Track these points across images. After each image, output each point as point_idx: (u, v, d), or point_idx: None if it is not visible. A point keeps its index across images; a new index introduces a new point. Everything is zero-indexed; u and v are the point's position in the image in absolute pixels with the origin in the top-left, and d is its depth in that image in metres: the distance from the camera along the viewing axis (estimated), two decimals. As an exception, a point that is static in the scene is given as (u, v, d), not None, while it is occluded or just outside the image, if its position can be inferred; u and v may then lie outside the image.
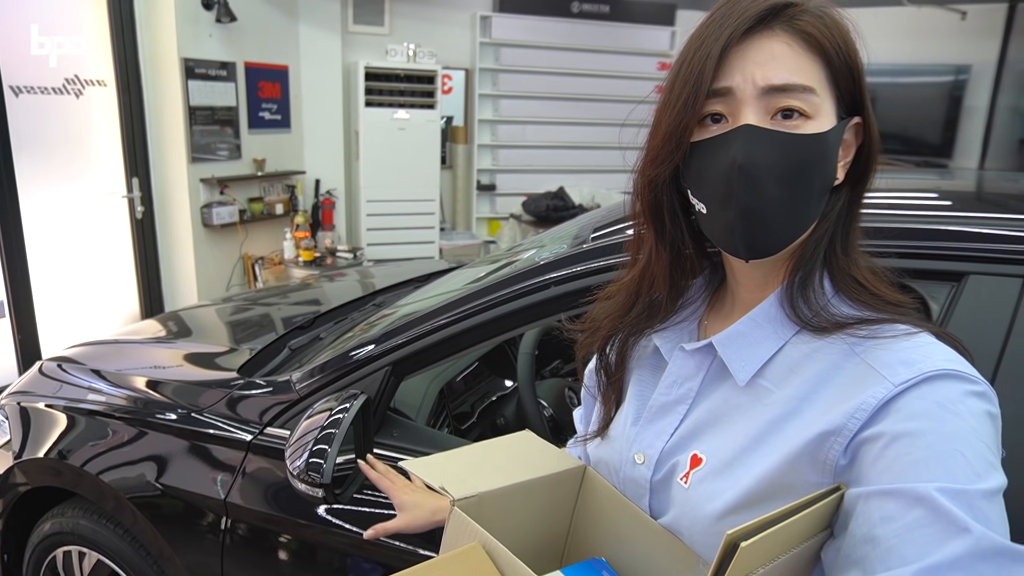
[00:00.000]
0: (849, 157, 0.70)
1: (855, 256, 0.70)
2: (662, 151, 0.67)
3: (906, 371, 0.60)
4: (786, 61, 0.63)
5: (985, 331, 0.96)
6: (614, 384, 0.83)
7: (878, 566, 0.54)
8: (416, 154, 5.20)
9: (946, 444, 0.56)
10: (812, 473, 0.62)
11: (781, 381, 0.68)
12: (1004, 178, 2.11)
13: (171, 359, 1.90)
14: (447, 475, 0.75)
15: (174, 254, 4.41)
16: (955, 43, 5.36)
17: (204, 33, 4.20)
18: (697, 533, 0.69)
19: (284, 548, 1.37)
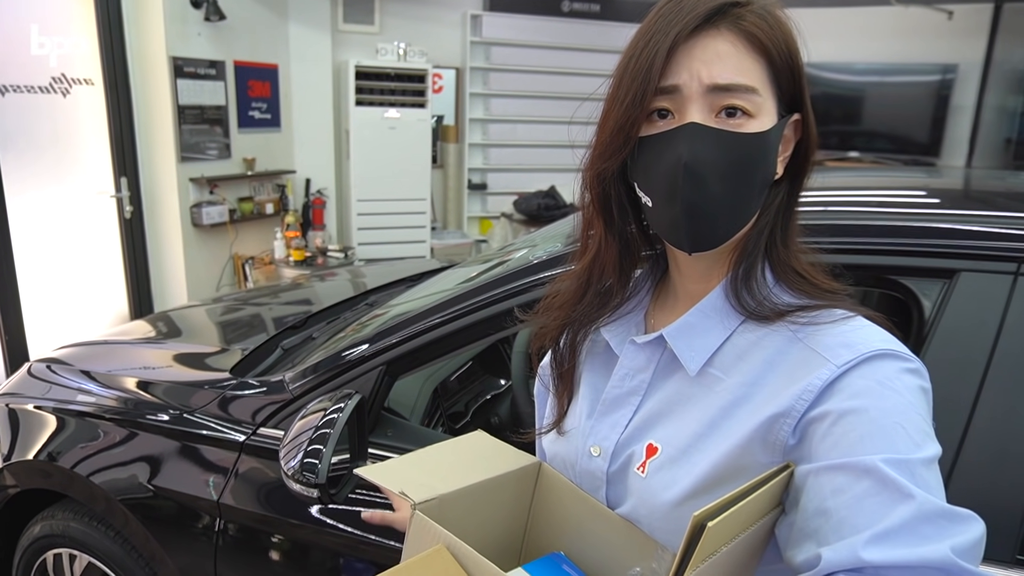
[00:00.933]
0: (788, 152, 0.72)
1: (794, 248, 0.73)
2: (611, 145, 0.69)
3: (847, 353, 0.63)
4: (731, 60, 0.65)
5: (977, 327, 0.97)
6: (566, 378, 0.84)
7: (831, 536, 0.56)
8: (407, 153, 5.19)
9: (887, 418, 0.59)
10: (763, 454, 0.65)
11: (730, 369, 0.70)
12: (990, 176, 2.13)
13: (162, 359, 1.88)
14: (405, 480, 0.75)
15: (163, 254, 4.38)
16: (942, 42, 5.40)
17: (193, 32, 4.18)
18: (656, 520, 0.71)
19: (277, 549, 1.36)
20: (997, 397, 0.95)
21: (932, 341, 0.98)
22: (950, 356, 0.97)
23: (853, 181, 1.46)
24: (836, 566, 0.54)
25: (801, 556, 0.59)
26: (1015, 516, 0.93)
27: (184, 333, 2.21)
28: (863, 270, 1.06)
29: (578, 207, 0.81)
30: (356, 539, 1.25)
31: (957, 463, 0.95)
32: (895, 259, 1.04)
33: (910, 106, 5.61)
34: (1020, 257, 0.97)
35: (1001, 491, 0.94)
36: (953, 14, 5.30)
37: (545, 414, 0.91)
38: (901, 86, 5.62)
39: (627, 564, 0.73)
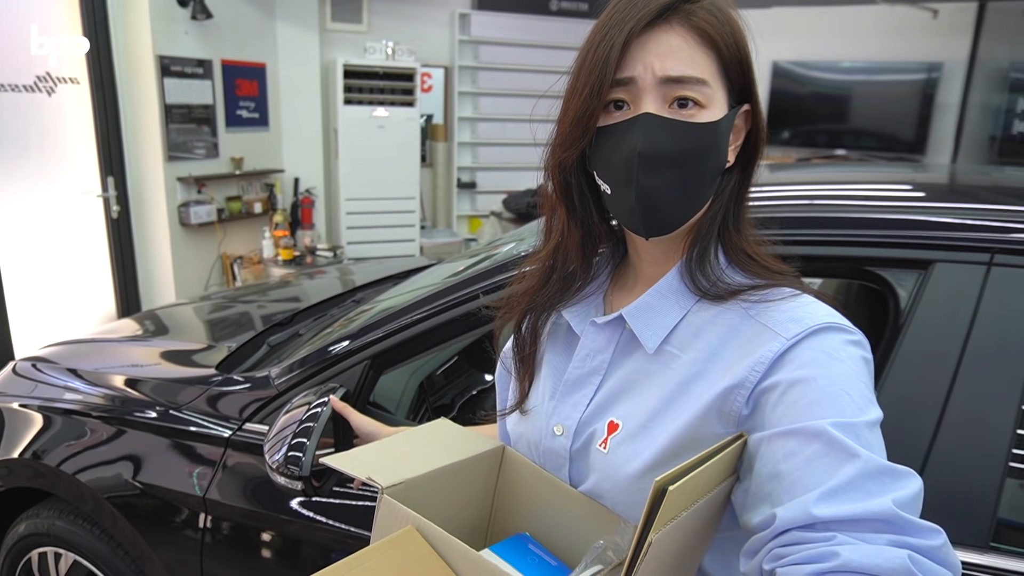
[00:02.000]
0: (739, 141, 0.76)
1: (746, 232, 0.77)
2: (570, 135, 0.73)
3: (795, 327, 0.67)
4: (682, 54, 0.68)
5: (951, 316, 0.99)
6: (527, 361, 0.87)
7: (784, 497, 0.60)
8: (396, 152, 5.19)
9: (834, 386, 0.63)
10: (719, 425, 0.69)
11: (686, 346, 0.74)
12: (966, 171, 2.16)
13: (148, 357, 1.88)
14: (372, 466, 0.76)
15: (151, 254, 4.36)
16: (927, 41, 5.45)
17: (179, 30, 4.16)
18: (619, 494, 0.74)
19: (264, 544, 1.36)
20: (971, 385, 0.96)
21: (908, 330, 1.00)
22: (925, 344, 0.99)
23: (832, 175, 1.48)
24: (790, 523, 0.58)
25: (757, 518, 0.62)
26: (989, 503, 0.95)
27: (171, 331, 2.21)
28: (842, 261, 1.08)
29: (540, 196, 0.84)
30: (342, 533, 1.25)
31: (932, 450, 0.96)
32: (872, 250, 1.06)
33: (896, 104, 5.66)
34: (993, 247, 0.99)
35: (975, 478, 0.96)
36: (938, 13, 5.35)
37: (507, 397, 0.93)
38: (887, 84, 5.66)
39: (591, 540, 0.75)
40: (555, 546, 0.82)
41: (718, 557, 0.75)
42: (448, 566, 0.65)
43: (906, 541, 0.54)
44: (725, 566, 0.75)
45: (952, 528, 0.95)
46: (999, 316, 0.97)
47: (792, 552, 0.56)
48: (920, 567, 0.53)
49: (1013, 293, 0.97)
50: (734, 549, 0.74)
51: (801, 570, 0.54)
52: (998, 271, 0.98)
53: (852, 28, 5.58)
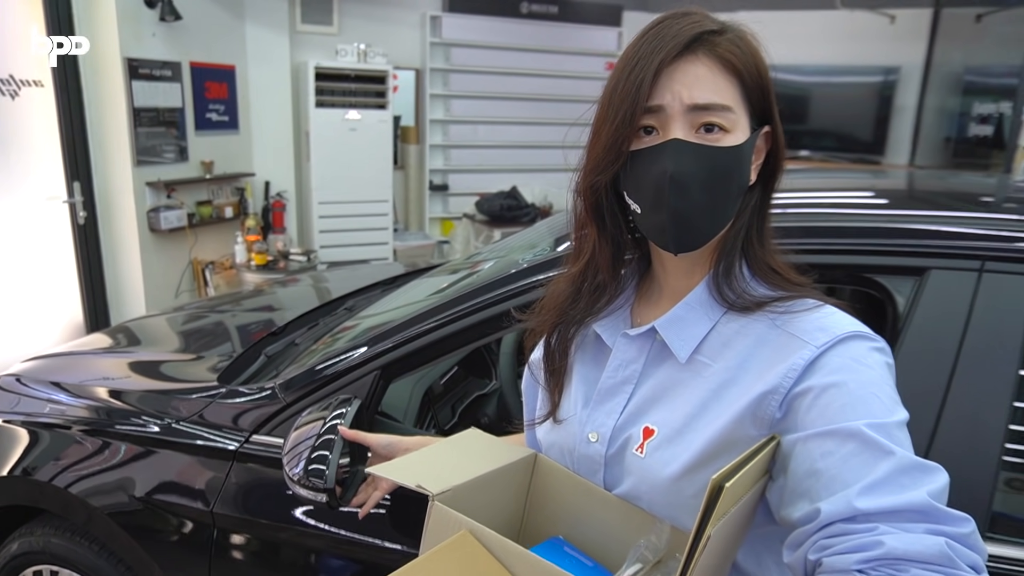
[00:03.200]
0: (760, 160, 0.81)
1: (769, 246, 0.82)
2: (604, 160, 0.77)
3: (823, 336, 0.72)
4: (707, 83, 0.73)
5: (946, 320, 1.04)
6: (558, 372, 0.90)
7: (823, 493, 0.64)
8: (368, 155, 5.16)
9: (864, 390, 0.68)
10: (753, 428, 0.73)
11: (716, 355, 0.78)
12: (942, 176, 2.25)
13: (135, 369, 1.85)
14: (418, 475, 0.78)
15: (119, 260, 4.27)
16: (885, 45, 5.64)
17: (147, 32, 4.07)
18: (657, 495, 0.78)
19: (275, 555, 1.36)
20: (966, 385, 1.02)
21: (906, 334, 1.05)
22: (923, 348, 1.05)
23: (826, 183, 1.54)
24: (834, 516, 0.62)
25: (797, 513, 0.66)
26: (984, 496, 1.01)
27: (146, 344, 2.16)
28: (842, 269, 1.13)
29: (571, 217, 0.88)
30: (353, 541, 1.26)
31: (931, 448, 1.02)
32: (870, 258, 1.11)
33: (855, 106, 5.84)
34: (984, 255, 1.05)
35: (971, 472, 1.01)
36: (895, 18, 5.54)
37: (536, 406, 0.96)
38: (846, 87, 5.84)
39: (624, 540, 0.78)
40: (589, 548, 0.85)
41: (749, 552, 0.79)
42: (504, 567, 0.68)
43: (941, 529, 0.59)
44: (756, 560, 0.79)
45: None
46: (990, 320, 1.03)
47: (838, 543, 0.60)
48: (956, 552, 0.58)
49: (1003, 298, 1.04)
50: (764, 544, 0.79)
51: (849, 559, 0.59)
52: (989, 277, 1.04)
53: (813, 32, 5.74)
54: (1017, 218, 1.14)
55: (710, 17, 0.77)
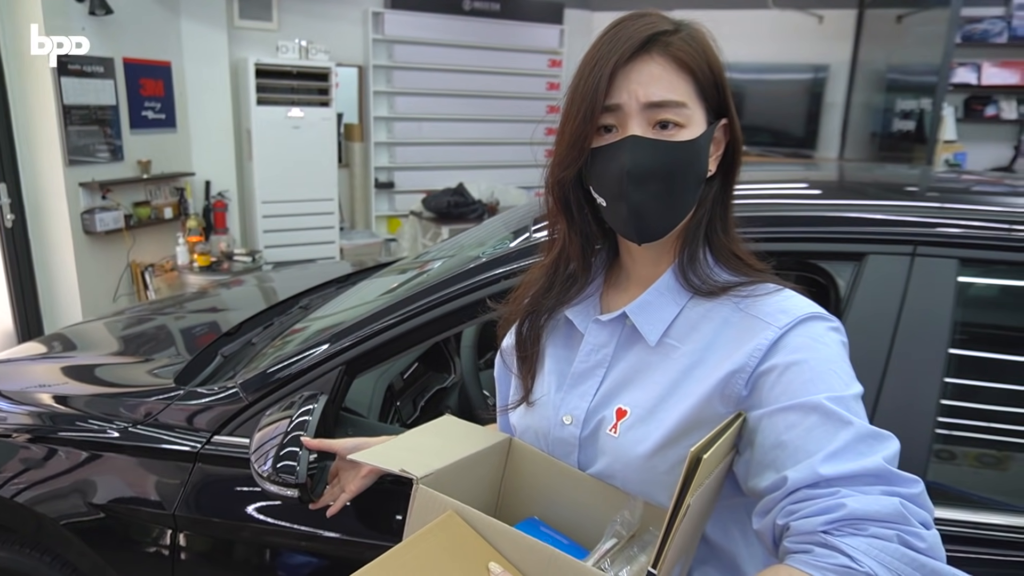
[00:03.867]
0: (719, 151, 0.85)
1: (732, 234, 0.87)
2: (568, 157, 0.81)
3: (785, 317, 0.77)
4: (662, 81, 0.77)
5: (884, 302, 1.12)
6: (530, 359, 0.94)
7: (788, 462, 0.69)
8: (312, 153, 5.08)
9: (823, 366, 0.73)
10: (721, 406, 0.77)
11: (684, 338, 0.82)
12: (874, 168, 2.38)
13: (79, 374, 1.79)
14: (401, 460, 0.81)
15: (52, 265, 4.09)
16: (814, 44, 5.87)
17: (76, 26, 3.91)
18: (631, 472, 0.82)
19: (240, 554, 1.35)
20: (903, 360, 1.10)
21: (848, 315, 1.13)
22: (863, 328, 1.12)
23: (769, 175, 1.61)
24: (800, 483, 0.67)
25: (765, 482, 0.71)
26: (920, 465, 1.09)
27: (85, 351, 2.08)
28: (788, 256, 1.19)
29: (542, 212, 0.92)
30: (320, 537, 1.27)
31: (872, 421, 1.09)
32: (813, 245, 1.18)
33: (788, 103, 6.07)
34: (916, 240, 1.13)
35: (907, 443, 1.09)
36: (823, 18, 5.78)
37: (509, 393, 1.00)
38: (779, 84, 6.06)
39: (598, 518, 0.83)
40: (564, 527, 0.89)
41: (716, 522, 0.84)
42: (490, 544, 0.71)
43: (896, 490, 0.65)
44: (723, 530, 0.84)
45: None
46: (923, 300, 1.11)
47: (803, 507, 0.66)
48: (909, 510, 0.64)
49: (933, 279, 1.12)
50: (730, 515, 0.84)
51: (815, 521, 0.64)
52: (921, 261, 1.13)
53: (747, 31, 5.94)
54: (943, 206, 1.23)
55: (665, 18, 0.81)
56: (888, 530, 0.62)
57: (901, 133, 4.82)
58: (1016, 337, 1.25)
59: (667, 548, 0.63)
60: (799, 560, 0.63)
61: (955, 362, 1.13)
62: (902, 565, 0.61)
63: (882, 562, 0.60)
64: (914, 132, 4.59)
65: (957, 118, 5.11)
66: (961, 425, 1.16)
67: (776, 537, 0.69)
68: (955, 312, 1.10)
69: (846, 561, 0.60)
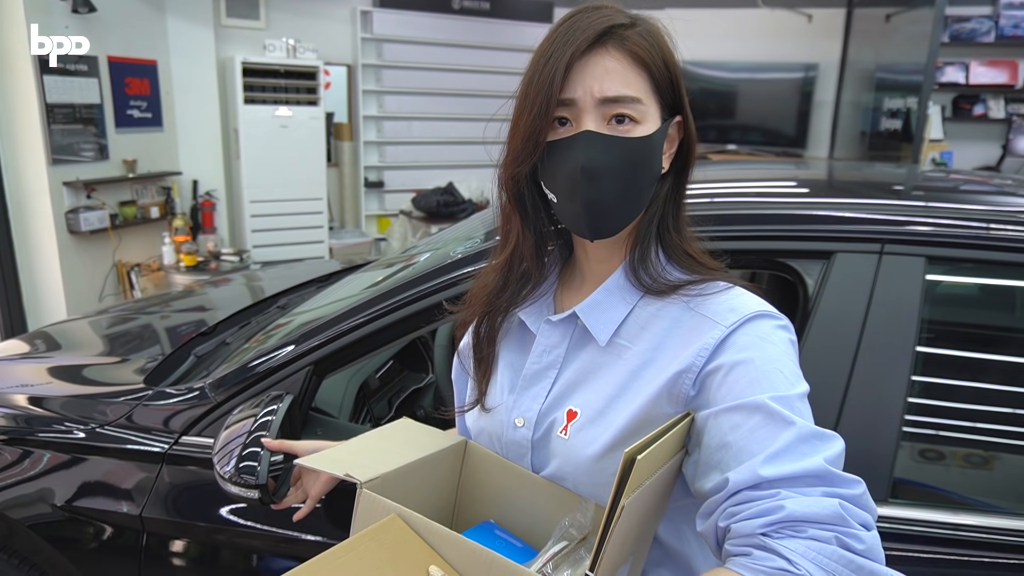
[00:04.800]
0: (673, 149, 0.84)
1: (685, 232, 0.85)
2: (522, 151, 0.79)
3: (732, 316, 0.76)
4: (617, 75, 0.76)
5: (851, 299, 1.12)
6: (485, 360, 0.93)
7: (732, 463, 0.69)
8: (300, 152, 5.06)
9: (769, 365, 0.72)
10: (669, 406, 0.77)
11: (635, 338, 0.81)
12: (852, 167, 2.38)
13: (56, 375, 1.78)
14: (347, 464, 0.80)
15: (36, 265, 4.06)
16: (804, 43, 5.87)
17: (59, 24, 3.88)
18: (581, 475, 0.81)
19: (208, 556, 1.34)
20: (870, 358, 1.10)
21: (816, 313, 1.12)
22: (831, 325, 1.11)
23: (740, 173, 1.61)
24: (741, 485, 0.66)
25: (709, 484, 0.71)
26: (887, 461, 1.08)
27: (67, 349, 2.08)
28: (756, 254, 1.19)
29: (496, 208, 0.90)
30: (286, 538, 1.26)
31: (840, 417, 1.09)
32: (782, 243, 1.17)
33: (778, 102, 6.06)
34: (883, 238, 1.13)
35: (874, 440, 1.09)
36: (812, 17, 5.78)
37: (466, 394, 0.98)
38: (769, 83, 6.06)
39: (553, 521, 0.82)
40: (519, 530, 0.88)
41: (669, 525, 0.83)
42: (432, 550, 0.70)
43: (836, 492, 0.64)
44: (676, 532, 0.84)
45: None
46: (890, 297, 1.11)
47: (744, 509, 0.65)
48: (848, 512, 0.63)
49: (900, 278, 1.11)
50: (683, 517, 0.83)
51: (754, 523, 0.63)
52: (888, 259, 1.12)
53: (736, 30, 5.94)
54: (912, 204, 1.22)
55: (621, 11, 0.79)
56: (827, 532, 0.61)
57: (889, 132, 4.82)
58: (982, 335, 1.24)
59: (604, 551, 0.62)
60: (738, 563, 0.62)
61: (922, 360, 1.13)
62: (839, 567, 0.60)
63: (819, 564, 0.59)
64: (901, 131, 4.60)
65: (945, 117, 5.12)
66: (928, 423, 1.15)
67: (719, 539, 0.68)
68: (922, 310, 1.10)
69: (783, 564, 0.60)
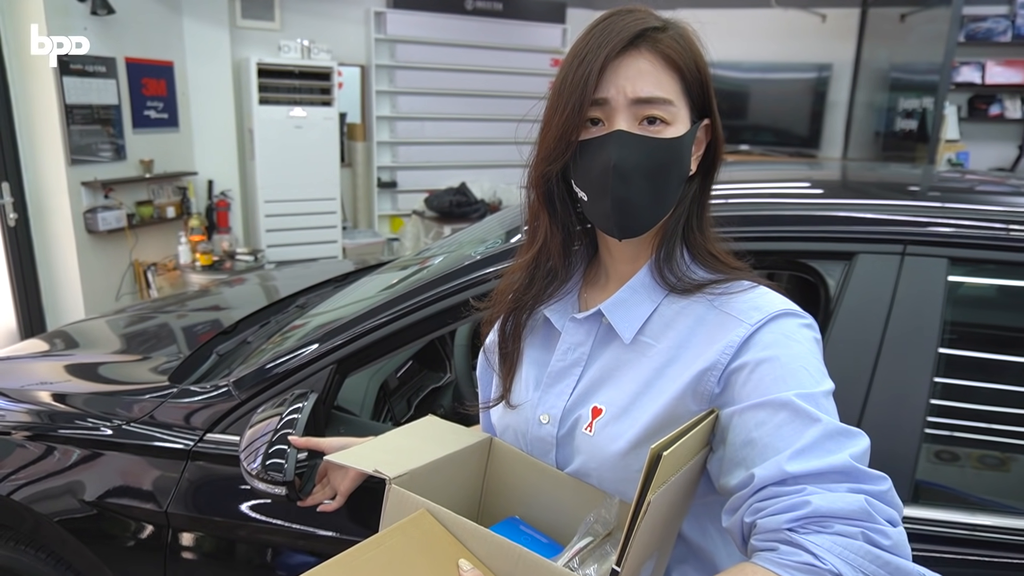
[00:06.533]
0: (700, 152, 0.85)
1: (709, 233, 0.86)
2: (555, 150, 0.80)
3: (757, 314, 0.77)
4: (650, 77, 0.77)
5: (873, 301, 1.12)
6: (510, 356, 0.94)
7: (758, 459, 0.69)
8: (314, 152, 5.09)
9: (794, 363, 0.73)
10: (694, 403, 0.77)
11: (659, 336, 0.82)
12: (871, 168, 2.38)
13: (78, 372, 1.80)
14: (376, 460, 0.81)
15: (55, 264, 4.11)
16: (817, 43, 5.85)
17: (78, 26, 3.93)
18: (606, 471, 0.82)
19: (231, 552, 1.36)
20: (891, 362, 1.10)
21: (837, 314, 1.13)
22: (852, 327, 1.12)
23: (759, 174, 1.61)
24: (767, 480, 0.67)
25: (735, 480, 0.71)
26: (909, 462, 1.08)
27: (85, 348, 2.10)
28: (778, 255, 1.19)
29: (524, 206, 0.92)
30: (310, 535, 1.27)
31: (862, 419, 1.09)
32: (803, 244, 1.18)
33: (791, 102, 6.04)
34: (905, 239, 1.13)
35: (897, 442, 1.09)
36: (826, 17, 5.76)
37: (491, 391, 1.00)
38: (783, 83, 6.04)
39: (578, 517, 0.83)
40: (544, 526, 0.89)
41: (694, 521, 0.84)
42: (460, 543, 0.71)
43: (862, 488, 0.65)
44: (700, 529, 0.84)
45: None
46: (912, 299, 1.11)
47: (770, 504, 0.66)
48: (874, 507, 0.63)
49: (922, 279, 1.12)
50: (707, 514, 0.84)
51: (779, 519, 0.64)
52: (910, 260, 1.12)
53: (750, 30, 5.92)
54: (934, 205, 1.22)
55: (653, 14, 0.81)
56: (853, 527, 0.62)
57: (904, 132, 4.80)
58: (1006, 336, 1.24)
59: (630, 547, 0.63)
60: (764, 558, 0.63)
61: (945, 362, 1.13)
62: (866, 563, 0.60)
63: (846, 559, 0.60)
64: (916, 131, 4.57)
65: (961, 117, 5.08)
66: (951, 425, 1.15)
67: (745, 535, 0.69)
68: (945, 312, 1.10)
69: (810, 559, 0.60)
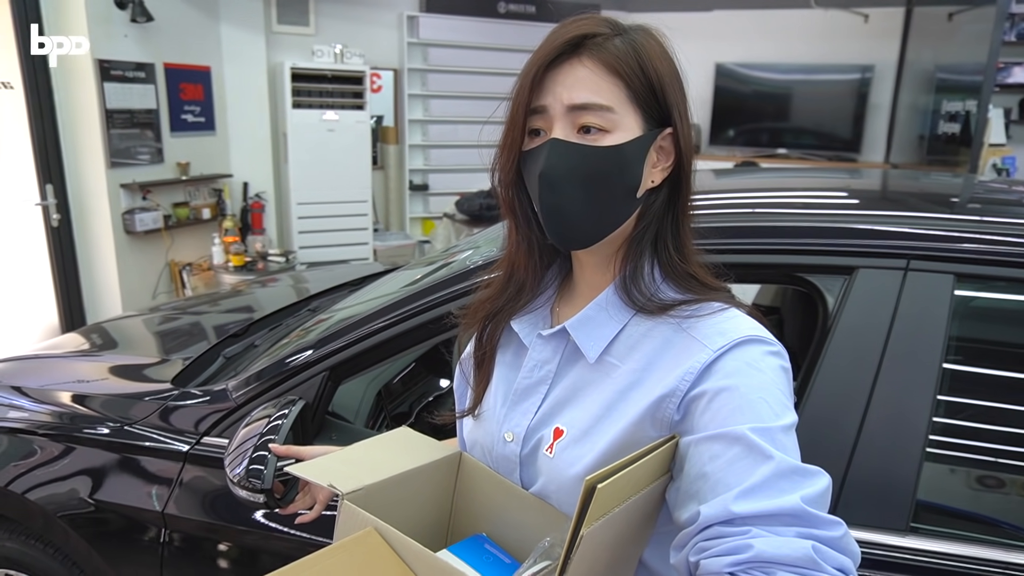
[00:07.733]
0: (668, 163, 0.79)
1: (686, 249, 0.81)
2: (506, 160, 0.80)
3: (721, 339, 0.73)
4: (587, 83, 0.74)
5: (873, 317, 1.07)
6: (484, 368, 0.92)
7: (708, 495, 0.67)
8: (347, 155, 5.16)
9: (754, 394, 0.69)
10: (653, 430, 0.74)
11: (624, 357, 0.79)
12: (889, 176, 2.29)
13: (97, 372, 1.85)
14: (334, 473, 0.80)
15: (95, 263, 4.25)
16: (860, 44, 5.68)
17: (119, 33, 4.05)
18: (564, 495, 0.79)
19: (224, 556, 1.37)
20: (892, 378, 1.05)
21: (835, 331, 1.08)
22: (851, 344, 1.07)
23: (762, 182, 1.56)
24: (712, 519, 0.64)
25: (685, 514, 0.68)
26: (908, 488, 1.03)
27: (120, 345, 2.17)
28: (775, 268, 1.15)
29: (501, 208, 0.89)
30: (302, 541, 1.28)
31: (859, 440, 1.04)
32: (801, 258, 1.13)
33: (832, 104, 5.88)
34: (909, 254, 1.07)
35: (897, 462, 1.04)
36: (869, 17, 5.59)
37: (464, 400, 0.97)
38: (824, 85, 5.89)
39: (540, 538, 0.80)
40: (510, 545, 0.87)
41: (657, 551, 0.81)
42: (406, 565, 0.69)
43: (811, 533, 0.61)
44: (663, 560, 0.81)
45: (876, 511, 1.03)
46: (915, 316, 1.06)
47: (713, 545, 0.63)
48: (821, 555, 0.60)
49: (926, 295, 1.06)
50: (671, 543, 0.80)
51: (721, 561, 0.61)
52: (914, 275, 1.07)
53: (790, 31, 5.79)
54: (940, 217, 1.16)
55: (607, 20, 0.77)
56: (795, 575, 0.58)
57: (947, 136, 4.62)
58: (1015, 355, 1.17)
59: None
60: None
61: (949, 381, 1.07)
62: None
63: None
64: (960, 135, 4.40)
65: (1011, 120, 4.87)
66: (952, 444, 1.09)
67: (691, 573, 0.66)
68: (950, 329, 1.04)
69: None
